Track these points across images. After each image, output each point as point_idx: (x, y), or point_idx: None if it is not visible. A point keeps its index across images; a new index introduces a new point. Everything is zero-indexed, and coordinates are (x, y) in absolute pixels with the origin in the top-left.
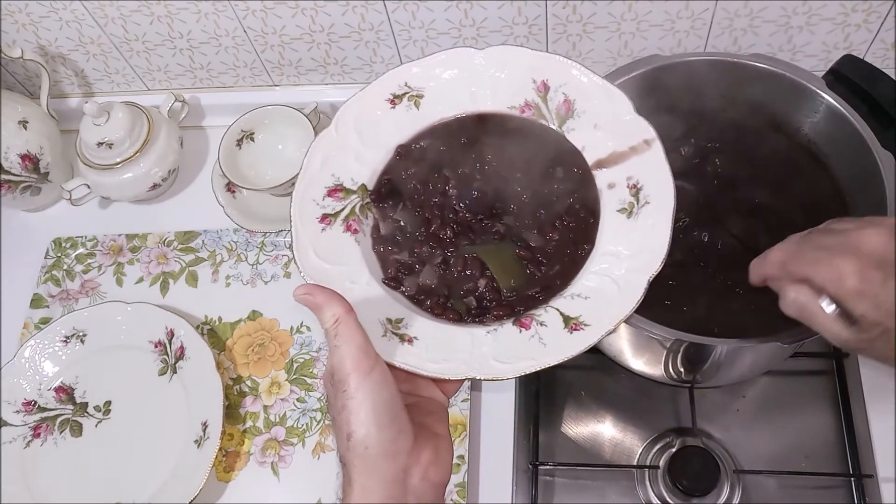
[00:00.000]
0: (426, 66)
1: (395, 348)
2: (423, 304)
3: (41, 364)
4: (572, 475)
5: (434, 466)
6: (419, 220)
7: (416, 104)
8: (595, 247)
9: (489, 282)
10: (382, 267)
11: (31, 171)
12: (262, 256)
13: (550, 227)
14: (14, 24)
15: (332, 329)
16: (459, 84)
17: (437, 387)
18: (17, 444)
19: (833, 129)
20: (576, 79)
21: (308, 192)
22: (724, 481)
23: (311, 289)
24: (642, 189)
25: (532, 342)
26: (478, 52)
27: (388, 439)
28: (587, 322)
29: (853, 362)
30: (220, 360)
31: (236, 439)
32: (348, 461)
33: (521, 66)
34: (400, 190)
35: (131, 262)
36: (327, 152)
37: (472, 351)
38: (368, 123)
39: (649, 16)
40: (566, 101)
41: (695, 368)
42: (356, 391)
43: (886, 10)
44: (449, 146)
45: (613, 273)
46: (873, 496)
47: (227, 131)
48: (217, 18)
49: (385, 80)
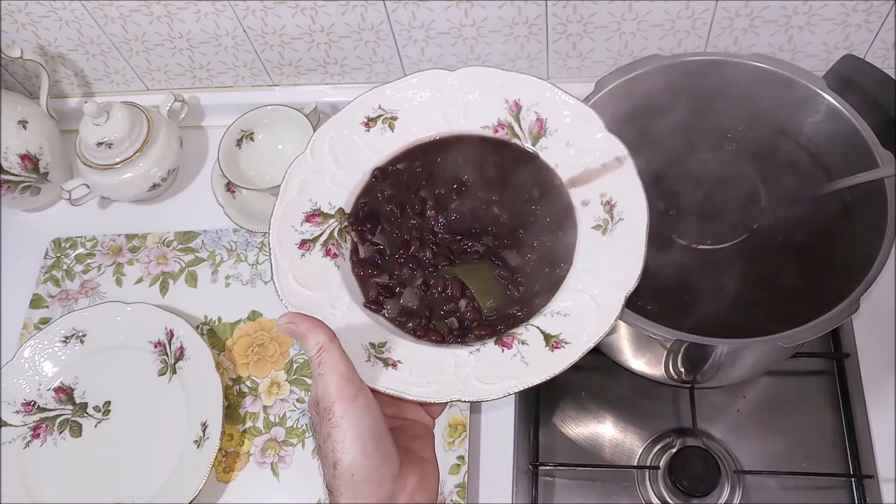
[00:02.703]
0: (399, 89)
1: (380, 373)
2: (405, 325)
3: (41, 364)
4: (572, 475)
5: (420, 491)
6: (398, 242)
7: (390, 126)
8: (572, 264)
9: (470, 302)
10: (363, 290)
11: (31, 171)
12: (262, 256)
13: (528, 246)
14: (14, 24)
15: (316, 357)
16: (433, 105)
17: (422, 409)
18: (16, 445)
19: (833, 129)
20: (548, 98)
21: (286, 219)
22: (725, 482)
23: (294, 318)
24: (615, 206)
25: (514, 361)
26: (450, 73)
27: (373, 466)
28: (567, 339)
29: (853, 362)
30: (220, 360)
31: (236, 440)
32: (335, 488)
33: (494, 87)
34: (377, 213)
35: (131, 263)
36: (304, 176)
37: (456, 372)
38: (344, 146)
39: (649, 16)
40: (538, 120)
41: (695, 369)
42: (341, 419)
43: (887, 10)
44: (425, 168)
45: (591, 290)
46: (874, 496)
47: (226, 131)
48: (217, 18)
49: (359, 103)
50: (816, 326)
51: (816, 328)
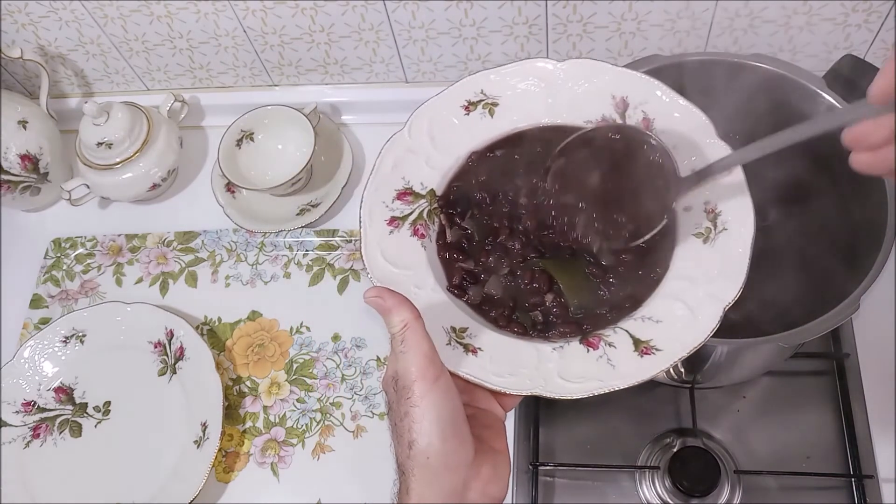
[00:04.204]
0: (503, 75)
1: (460, 358)
2: (488, 314)
3: (41, 364)
4: (572, 475)
5: (492, 483)
6: (487, 229)
7: (490, 112)
8: (669, 270)
9: (557, 297)
10: (447, 274)
11: (31, 171)
12: (262, 257)
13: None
14: (14, 24)
15: (400, 334)
16: (535, 95)
17: (495, 400)
18: (16, 445)
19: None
20: (658, 98)
21: (378, 194)
22: (725, 482)
23: (381, 292)
24: (720, 215)
25: (600, 363)
26: (558, 63)
27: (450, 451)
28: (658, 347)
29: (853, 362)
30: (220, 360)
31: (236, 440)
32: (408, 469)
33: (601, 81)
34: (469, 197)
35: (131, 263)
36: (399, 154)
37: (538, 366)
38: (442, 128)
39: (649, 16)
40: (645, 120)
41: (695, 368)
42: (421, 399)
43: (887, 10)
44: (523, 157)
45: (687, 298)
46: (873, 497)
47: (226, 131)
48: (217, 18)
49: (461, 86)
50: (816, 326)
51: (816, 328)
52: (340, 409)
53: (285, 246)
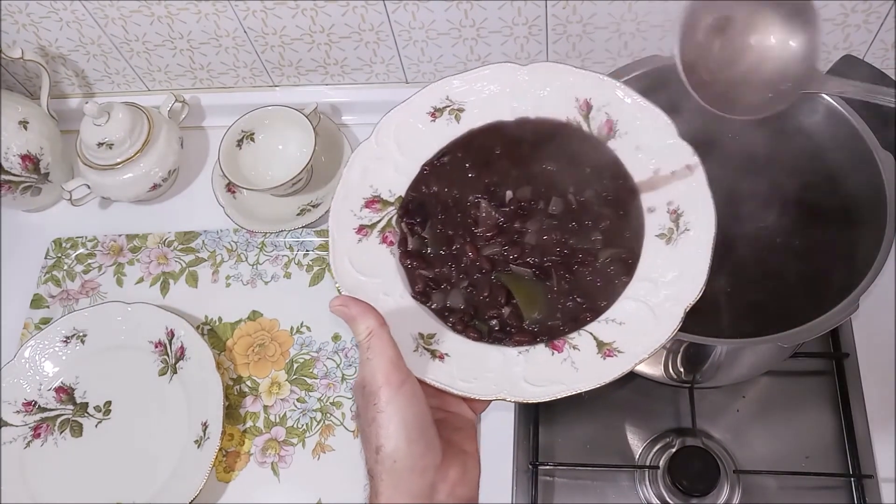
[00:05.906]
0: (468, 80)
1: (427, 364)
2: (448, 320)
3: (41, 364)
4: (572, 475)
5: (461, 485)
6: (441, 238)
7: (456, 118)
8: (632, 272)
9: (514, 310)
10: (410, 281)
11: (32, 171)
12: (263, 257)
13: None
14: (14, 25)
15: (365, 342)
16: (501, 99)
17: (465, 403)
18: (17, 445)
19: (833, 129)
20: (619, 99)
21: (346, 203)
22: (724, 481)
23: (346, 300)
24: (682, 215)
25: (564, 366)
26: (521, 67)
27: (416, 454)
28: (621, 349)
29: (853, 362)
30: (221, 360)
31: (236, 439)
32: (376, 474)
33: (564, 84)
34: (426, 206)
35: (131, 263)
36: (366, 163)
37: (503, 371)
38: (408, 135)
39: (649, 16)
40: (608, 122)
41: (695, 368)
42: (386, 405)
43: (886, 10)
44: (481, 158)
45: (650, 300)
46: (873, 497)
47: (227, 132)
48: (217, 19)
49: (427, 93)
50: (816, 326)
51: (816, 328)
52: (341, 409)
53: (286, 246)
